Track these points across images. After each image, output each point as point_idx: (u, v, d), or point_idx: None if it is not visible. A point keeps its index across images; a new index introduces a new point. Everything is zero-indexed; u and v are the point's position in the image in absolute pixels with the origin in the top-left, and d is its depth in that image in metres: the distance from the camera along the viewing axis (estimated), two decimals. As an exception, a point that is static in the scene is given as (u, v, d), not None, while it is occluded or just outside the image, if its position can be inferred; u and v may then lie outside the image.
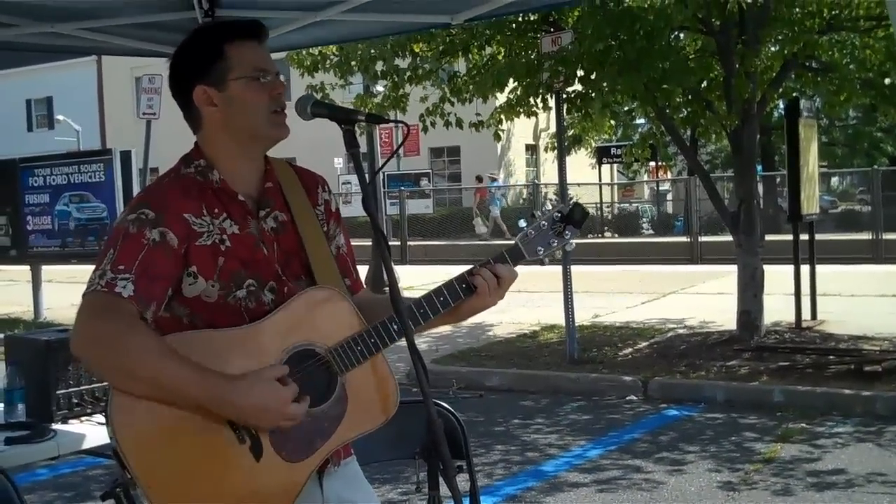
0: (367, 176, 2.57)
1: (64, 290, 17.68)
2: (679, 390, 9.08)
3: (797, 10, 9.71)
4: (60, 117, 41.78)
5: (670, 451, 7.25)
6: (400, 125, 2.61)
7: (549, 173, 38.68)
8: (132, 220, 2.44)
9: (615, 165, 37.99)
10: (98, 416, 4.09)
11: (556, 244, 2.66)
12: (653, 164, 34.04)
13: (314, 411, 2.47)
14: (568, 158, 20.21)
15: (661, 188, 36.47)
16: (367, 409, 2.55)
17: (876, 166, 27.09)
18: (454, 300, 2.59)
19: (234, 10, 4.52)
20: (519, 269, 2.67)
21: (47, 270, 15.43)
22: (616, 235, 28.97)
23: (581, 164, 34.62)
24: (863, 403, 8.25)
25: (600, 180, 34.69)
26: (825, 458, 6.93)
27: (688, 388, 9.07)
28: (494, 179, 33.96)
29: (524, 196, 35.31)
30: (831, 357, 9.61)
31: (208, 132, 2.59)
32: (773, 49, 10.17)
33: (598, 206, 30.93)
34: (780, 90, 10.74)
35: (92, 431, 3.96)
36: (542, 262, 2.74)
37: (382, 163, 2.66)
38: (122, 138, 28.66)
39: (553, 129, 26.24)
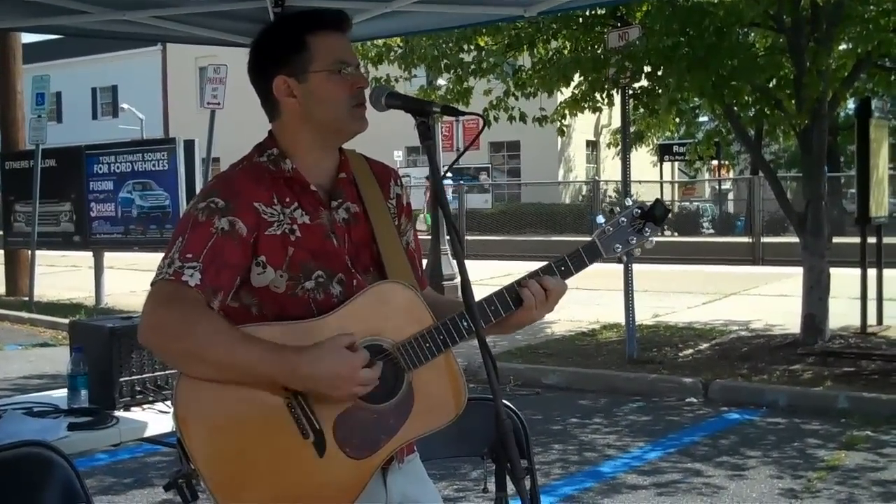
0: (440, 170, 2.51)
1: (125, 277, 17.96)
2: (740, 394, 8.92)
3: (872, 7, 9.48)
4: (125, 106, 42.36)
5: (731, 456, 7.11)
6: (475, 118, 2.56)
7: (609, 170, 38.47)
8: (202, 208, 2.43)
9: (676, 163, 37.69)
10: (160, 404, 4.10)
11: (634, 241, 2.60)
12: (715, 162, 33.70)
13: (380, 408, 2.44)
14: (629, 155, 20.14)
15: (722, 187, 36.09)
16: (434, 407, 2.50)
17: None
18: (505, 310, 2.54)
19: (303, -1, 4.49)
20: None
21: (109, 257, 15.62)
22: (676, 234, 28.67)
23: (642, 162, 34.29)
24: (931, 412, 8.04)
25: (661, 178, 34.36)
26: (891, 467, 6.76)
27: (749, 392, 8.91)
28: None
29: (584, 193, 35.15)
30: (898, 363, 9.40)
31: (286, 122, 2.56)
32: (845, 47, 9.93)
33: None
34: (852, 89, 10.49)
35: (154, 419, 3.96)
36: (619, 260, 2.66)
37: (456, 156, 2.61)
38: (185, 127, 28.93)
39: (615, 125, 26.17)
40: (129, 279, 17.94)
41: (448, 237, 2.34)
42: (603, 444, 7.51)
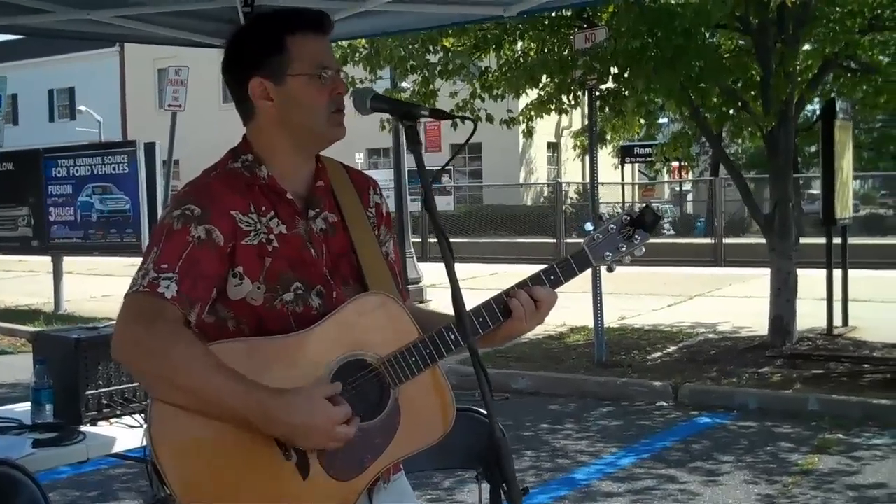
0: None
1: (84, 282, 17.72)
2: (710, 397, 8.88)
3: (838, 8, 9.49)
4: (82, 108, 41.85)
5: (705, 461, 7.06)
6: (466, 121, 2.45)
7: (570, 172, 38.57)
8: (177, 216, 2.31)
9: (636, 165, 37.82)
10: (128, 418, 3.96)
11: (624, 249, 2.52)
12: (675, 164, 33.83)
13: (365, 426, 2.33)
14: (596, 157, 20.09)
15: (681, 188, 36.27)
16: (422, 424, 2.40)
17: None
18: (493, 322, 2.44)
19: (273, -1, 4.37)
20: (530, 266, 2.51)
21: (67, 262, 15.40)
22: (637, 235, 28.65)
23: (603, 164, 34.27)
24: (901, 414, 8.04)
25: (623, 180, 34.47)
26: (865, 470, 6.74)
27: (720, 395, 8.87)
28: None
29: (545, 194, 35.17)
30: (866, 365, 9.42)
31: (261, 126, 2.45)
32: (811, 48, 9.94)
33: (621, 205, 30.70)
34: (819, 91, 10.51)
35: (122, 434, 3.83)
36: (609, 269, 2.57)
37: (446, 162, 2.50)
38: (144, 130, 28.65)
39: (575, 126, 26.18)
40: (89, 284, 17.70)
41: (439, 243, 2.26)
42: (575, 451, 7.43)
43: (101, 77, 45.71)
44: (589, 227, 2.56)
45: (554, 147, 39.94)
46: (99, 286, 17.62)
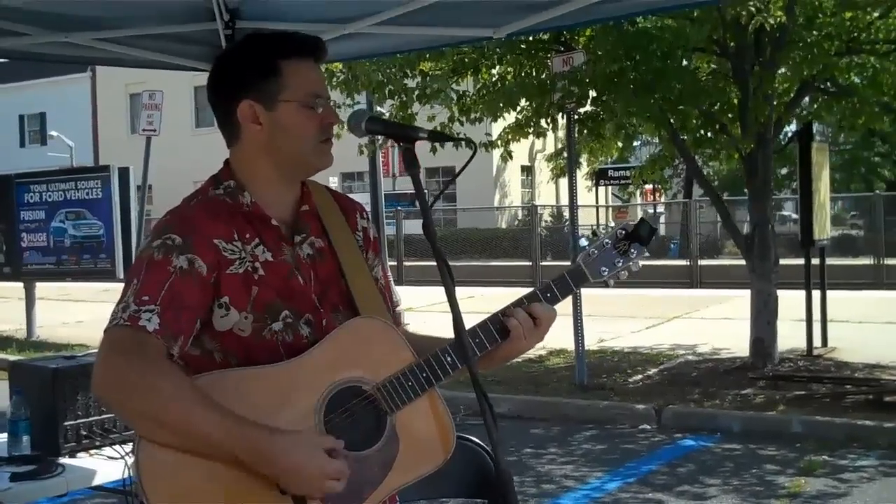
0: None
1: (56, 308, 17.48)
2: (694, 419, 8.83)
3: (815, 32, 9.52)
4: (54, 133, 41.47)
5: (691, 485, 7.00)
6: (466, 143, 2.38)
7: (544, 195, 38.59)
8: (157, 246, 2.22)
9: (610, 188, 37.91)
10: (108, 449, 3.85)
11: (620, 264, 2.47)
12: (649, 186, 33.92)
13: (362, 455, 2.25)
14: (562, 180, 20.04)
15: (654, 211, 36.36)
16: (421, 451, 2.32)
17: (878, 191, 26.98)
18: (490, 343, 2.38)
19: (255, 21, 4.30)
20: (519, 290, 2.44)
21: (39, 287, 15.14)
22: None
23: (577, 187, 34.48)
24: (885, 435, 7.99)
25: (597, 202, 34.53)
26: (853, 493, 6.69)
27: (703, 418, 8.82)
28: None
29: (520, 217, 35.17)
30: (848, 386, 9.39)
31: (246, 150, 2.37)
32: (786, 72, 9.96)
33: (596, 227, 30.74)
34: (797, 113, 10.53)
35: (102, 466, 3.73)
36: (606, 285, 2.51)
37: (445, 184, 2.43)
38: (116, 155, 28.38)
39: (549, 150, 26.20)
40: (61, 310, 17.48)
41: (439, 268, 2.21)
42: (560, 475, 7.35)
43: (72, 102, 45.37)
44: (584, 242, 2.50)
45: (528, 171, 39.99)
46: (71, 312, 17.40)
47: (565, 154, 15.71)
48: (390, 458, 2.28)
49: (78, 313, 17.23)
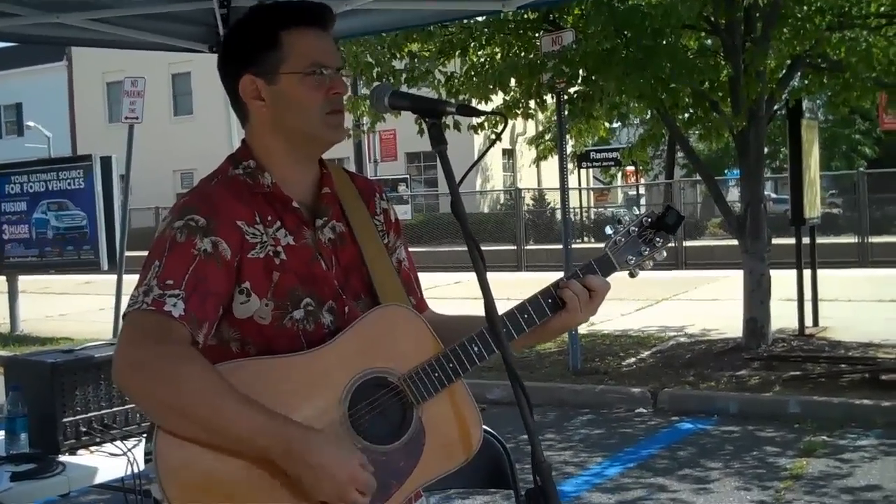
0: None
1: (38, 301, 17.29)
2: (690, 402, 8.76)
3: (806, 7, 9.42)
4: (31, 123, 41.08)
5: (692, 468, 6.92)
6: (498, 118, 2.27)
7: (526, 178, 38.54)
8: (179, 227, 2.11)
9: (591, 170, 37.89)
10: (109, 445, 3.72)
11: (647, 252, 2.40)
12: (630, 168, 33.88)
13: (389, 449, 2.16)
14: (544, 164, 19.92)
15: (638, 192, 36.36)
16: (448, 444, 2.23)
17: (861, 169, 27.03)
18: (540, 317, 2.30)
19: None
20: (502, 275, 2.35)
21: (21, 280, 14.95)
22: (593, 240, 28.69)
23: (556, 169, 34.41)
24: (883, 414, 7.95)
25: (580, 185, 34.50)
26: (856, 473, 6.64)
27: (699, 400, 8.76)
28: None
29: (502, 201, 35.09)
30: (844, 366, 9.34)
31: (256, 129, 2.28)
32: (781, 48, 9.86)
33: (579, 210, 30.76)
34: (788, 90, 10.44)
35: (104, 464, 3.60)
36: (631, 274, 2.42)
37: (468, 168, 2.32)
38: (94, 144, 28.17)
39: (530, 133, 26.07)
40: (44, 303, 17.30)
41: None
42: (560, 462, 7.25)
43: (48, 92, 44.89)
44: (609, 230, 2.43)
45: (509, 154, 39.90)
46: (54, 305, 17.23)
47: (547, 136, 15.69)
48: (417, 452, 2.19)
49: (60, 306, 17.06)
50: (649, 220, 2.39)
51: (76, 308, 16.81)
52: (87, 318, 15.25)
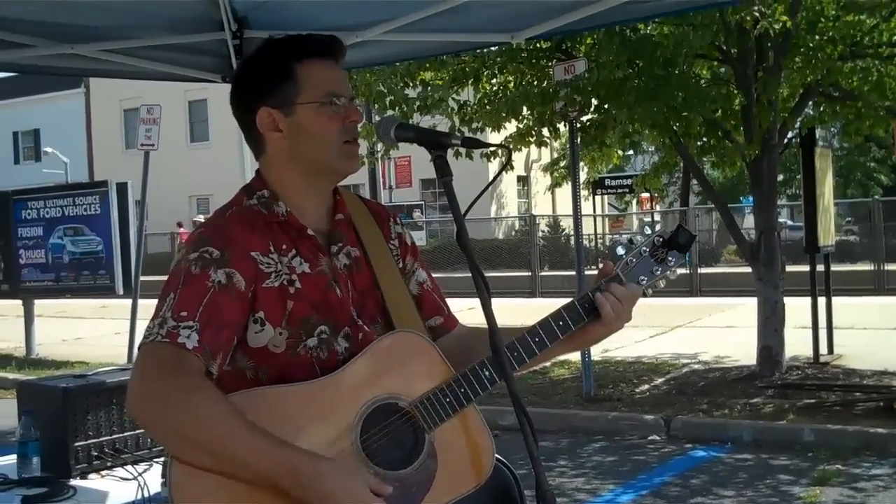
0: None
1: (54, 325, 17.35)
2: (704, 430, 8.73)
3: (818, 36, 9.45)
4: (48, 149, 41.39)
5: (705, 496, 6.91)
6: (501, 149, 2.31)
7: (541, 205, 38.51)
8: (194, 259, 2.16)
9: (605, 197, 37.85)
10: (120, 469, 3.74)
11: (659, 272, 2.41)
12: (645, 195, 33.86)
13: (401, 475, 2.19)
14: (558, 190, 19.93)
15: (650, 220, 36.29)
16: (460, 470, 2.26)
17: (876, 197, 26.95)
18: (575, 323, 2.31)
19: (264, 30, 4.21)
20: (517, 300, 2.36)
21: (36, 305, 15.02)
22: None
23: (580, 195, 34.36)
24: (899, 443, 7.91)
25: (594, 211, 34.47)
26: (870, 502, 6.62)
27: (713, 428, 8.73)
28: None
29: (517, 228, 35.09)
30: (858, 394, 9.30)
31: (272, 160, 2.32)
32: (793, 77, 9.88)
33: (594, 237, 30.71)
34: (801, 118, 10.46)
35: (115, 488, 3.61)
36: (644, 294, 2.43)
37: (472, 201, 2.36)
38: (111, 170, 28.23)
39: (545, 160, 26.15)
40: (60, 327, 17.36)
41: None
42: (572, 489, 7.24)
43: (66, 118, 45.23)
44: (620, 251, 2.43)
45: (524, 181, 39.93)
46: (70, 329, 17.29)
47: (562, 163, 15.72)
48: (429, 477, 2.22)
49: (76, 330, 17.13)
50: (661, 239, 2.40)
51: (92, 332, 16.88)
52: (103, 343, 15.32)
